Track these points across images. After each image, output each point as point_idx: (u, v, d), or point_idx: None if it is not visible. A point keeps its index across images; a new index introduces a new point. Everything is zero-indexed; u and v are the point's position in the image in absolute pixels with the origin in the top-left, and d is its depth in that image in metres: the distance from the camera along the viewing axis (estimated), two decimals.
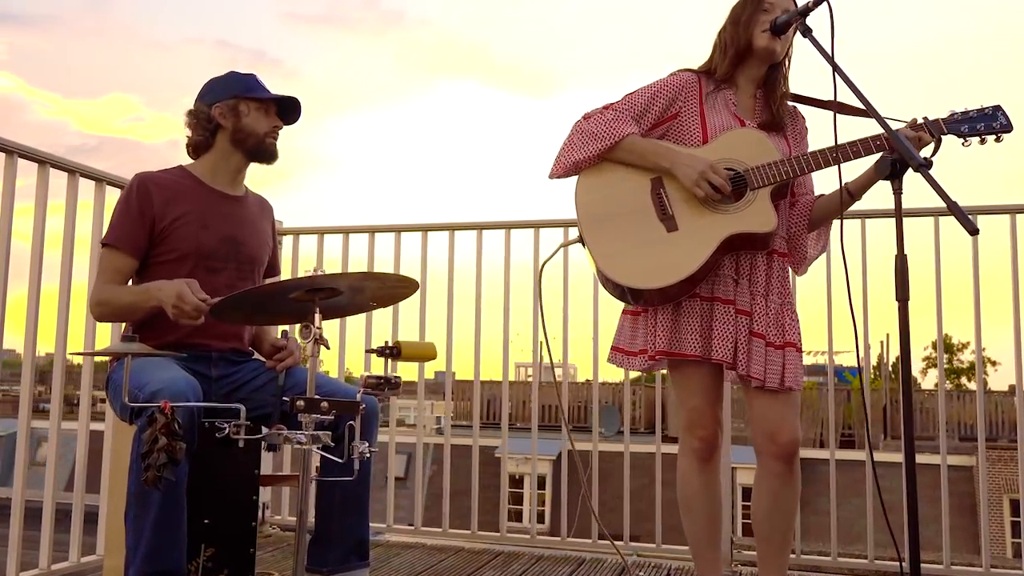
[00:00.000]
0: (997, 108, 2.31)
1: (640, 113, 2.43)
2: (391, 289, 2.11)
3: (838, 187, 2.35)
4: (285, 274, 3.77)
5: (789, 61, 2.52)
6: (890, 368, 23.29)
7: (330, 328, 3.69)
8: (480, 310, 3.64)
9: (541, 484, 15.80)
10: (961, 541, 11.98)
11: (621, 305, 2.53)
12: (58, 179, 2.87)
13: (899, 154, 2.03)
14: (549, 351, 2.77)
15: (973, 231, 1.81)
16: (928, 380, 36.41)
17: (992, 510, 14.22)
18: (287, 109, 2.64)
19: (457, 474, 3.73)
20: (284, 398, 2.01)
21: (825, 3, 2.25)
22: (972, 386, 34.50)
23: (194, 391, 2.17)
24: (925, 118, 2.33)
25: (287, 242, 3.85)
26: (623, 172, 2.42)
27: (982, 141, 2.29)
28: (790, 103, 2.55)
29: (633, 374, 3.09)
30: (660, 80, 2.48)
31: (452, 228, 3.66)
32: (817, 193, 2.55)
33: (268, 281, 2.87)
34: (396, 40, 71.67)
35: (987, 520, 4.11)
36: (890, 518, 2.40)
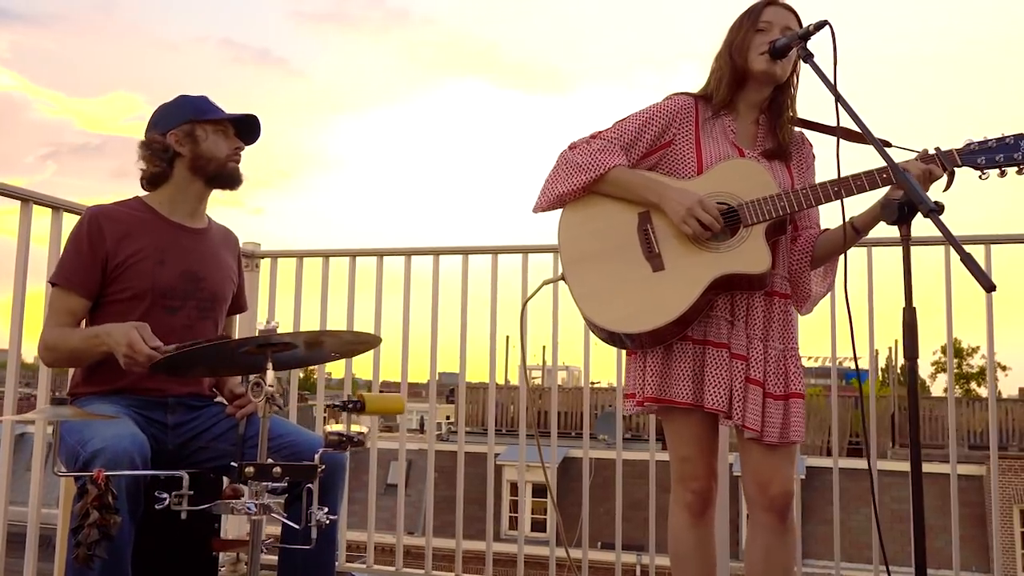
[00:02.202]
0: (1020, 137, 2.09)
1: (630, 142, 2.27)
2: (351, 345, 1.94)
3: (842, 222, 2.18)
4: (263, 300, 3.61)
5: (797, 81, 2.33)
6: (898, 372, 23.03)
7: None
8: (465, 340, 3.47)
9: (543, 492, 15.62)
10: (971, 552, 11.77)
11: None
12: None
13: (907, 196, 1.84)
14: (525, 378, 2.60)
15: (989, 288, 1.64)
16: (937, 386, 35.98)
17: (1001, 521, 13.96)
18: (246, 129, 2.48)
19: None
20: (233, 463, 1.84)
21: (827, 27, 2.08)
22: (982, 392, 34.20)
23: (140, 450, 2.00)
24: (937, 148, 2.14)
25: (264, 265, 3.67)
26: (610, 206, 2.26)
27: (1002, 174, 2.09)
28: (796, 128, 2.37)
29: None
30: (654, 105, 2.31)
31: (437, 252, 3.49)
32: (823, 227, 2.36)
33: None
34: (402, 39, 71.43)
35: (998, 532, 3.97)
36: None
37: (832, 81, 2.04)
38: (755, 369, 2.18)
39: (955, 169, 2.12)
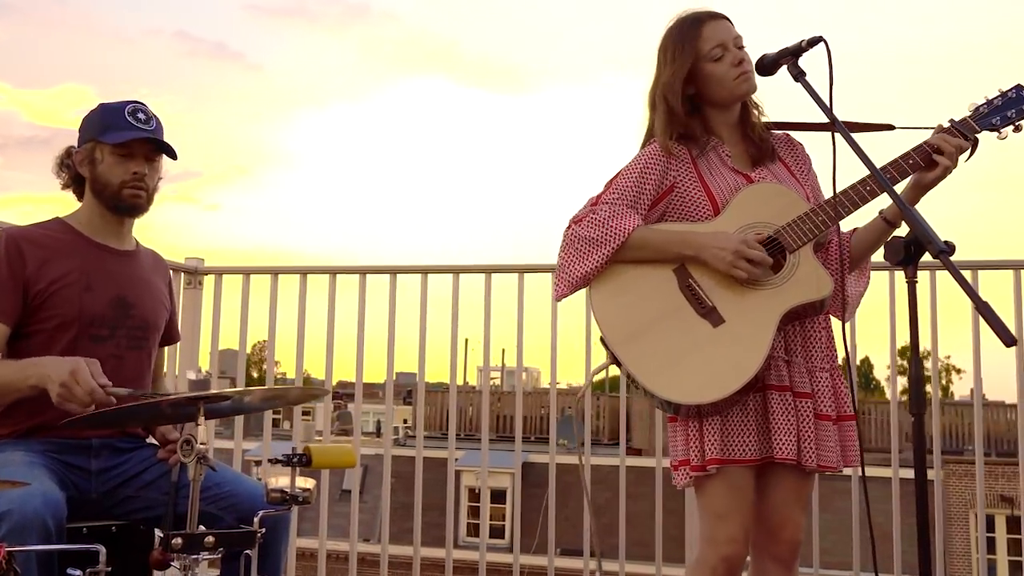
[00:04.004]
0: (1020, 88, 2.04)
1: (634, 198, 2.08)
2: (295, 397, 1.73)
3: (873, 216, 2.10)
4: (206, 322, 3.37)
5: None
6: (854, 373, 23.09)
7: None
8: (423, 352, 3.28)
9: (502, 498, 15.45)
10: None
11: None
12: None
13: (914, 235, 1.68)
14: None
15: (1009, 342, 1.47)
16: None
17: (958, 526, 13.97)
18: (161, 148, 2.21)
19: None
20: (159, 530, 1.62)
21: (822, 43, 1.92)
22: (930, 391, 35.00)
23: (54, 511, 1.78)
24: (952, 120, 2.05)
25: (208, 283, 3.41)
26: (637, 271, 2.06)
27: (1017, 128, 2.03)
28: (780, 132, 2.22)
29: (596, 377, 2.71)
30: (643, 153, 2.12)
31: (394, 271, 3.29)
32: (848, 228, 2.20)
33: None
34: (361, 35, 70.82)
35: (984, 536, 3.88)
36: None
37: (828, 104, 1.88)
38: (822, 403, 2.03)
39: (977, 137, 2.03)
